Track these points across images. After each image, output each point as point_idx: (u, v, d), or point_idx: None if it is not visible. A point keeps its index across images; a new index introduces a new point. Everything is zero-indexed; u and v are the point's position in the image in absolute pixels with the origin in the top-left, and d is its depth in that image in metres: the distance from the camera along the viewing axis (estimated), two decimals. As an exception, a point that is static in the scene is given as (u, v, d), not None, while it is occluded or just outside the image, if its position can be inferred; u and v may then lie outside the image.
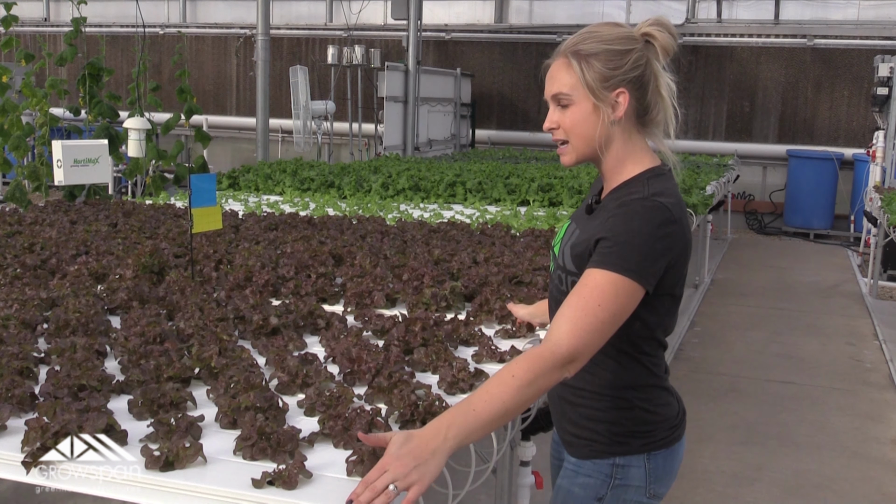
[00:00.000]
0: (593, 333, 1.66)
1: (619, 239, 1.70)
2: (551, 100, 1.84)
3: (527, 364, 1.62)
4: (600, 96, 1.78)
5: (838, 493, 4.17)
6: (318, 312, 2.60)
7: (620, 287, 1.68)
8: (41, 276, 3.05)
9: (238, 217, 4.63)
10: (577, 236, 1.85)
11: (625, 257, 1.68)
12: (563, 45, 1.83)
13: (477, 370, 2.10)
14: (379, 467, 1.47)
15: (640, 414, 1.85)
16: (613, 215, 1.75)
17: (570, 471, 1.93)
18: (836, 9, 12.71)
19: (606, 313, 1.66)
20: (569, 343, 1.63)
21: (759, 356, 6.36)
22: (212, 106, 15.43)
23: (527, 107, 14.17)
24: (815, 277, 9.47)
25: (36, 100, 6.74)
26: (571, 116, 1.80)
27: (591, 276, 1.69)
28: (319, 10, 15.35)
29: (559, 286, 1.87)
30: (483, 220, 4.72)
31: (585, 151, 1.83)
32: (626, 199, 1.76)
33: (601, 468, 1.88)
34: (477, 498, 3.54)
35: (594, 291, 1.67)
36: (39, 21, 17.06)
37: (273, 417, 1.76)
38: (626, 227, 1.71)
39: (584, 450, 1.90)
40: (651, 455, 1.87)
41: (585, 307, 1.66)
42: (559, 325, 1.67)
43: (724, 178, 9.20)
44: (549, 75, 1.84)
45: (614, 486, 1.87)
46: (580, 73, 1.77)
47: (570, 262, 1.82)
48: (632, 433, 1.86)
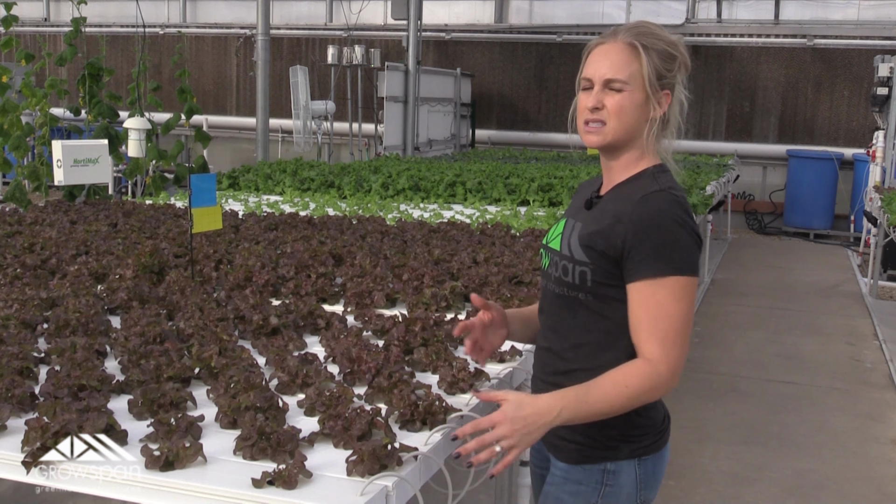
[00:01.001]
0: (679, 342, 1.71)
1: (655, 241, 1.71)
2: (600, 82, 1.78)
3: (642, 381, 1.69)
4: (655, 92, 1.78)
5: (838, 493, 4.17)
6: (318, 312, 2.61)
7: (679, 288, 1.70)
8: (41, 276, 3.05)
9: (238, 217, 4.63)
10: (585, 227, 1.82)
11: (668, 258, 1.70)
12: (622, 30, 1.80)
13: (477, 370, 2.10)
14: (490, 420, 1.63)
15: (631, 417, 1.82)
16: (635, 211, 1.74)
17: (559, 477, 1.88)
18: (836, 9, 12.71)
19: (681, 318, 1.71)
20: (666, 364, 1.70)
21: (759, 356, 6.35)
22: (212, 106, 15.42)
23: (527, 107, 14.16)
24: (815, 277, 9.47)
25: (36, 100, 6.74)
26: (621, 101, 1.77)
27: (646, 290, 1.71)
28: (319, 10, 15.35)
29: (562, 277, 1.83)
30: (483, 220, 4.72)
31: (620, 138, 1.81)
32: (643, 193, 1.76)
33: (592, 474, 1.84)
34: (477, 498, 3.53)
35: (659, 305, 1.70)
36: (39, 21, 17.06)
37: (273, 417, 1.77)
38: (656, 225, 1.72)
39: (574, 455, 1.85)
40: (641, 460, 1.85)
41: (659, 323, 1.70)
42: (649, 346, 1.71)
43: (724, 178, 9.20)
44: (602, 56, 1.79)
45: (605, 494, 1.84)
46: (646, 63, 1.76)
47: (581, 253, 1.79)
48: (623, 437, 1.83)
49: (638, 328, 1.73)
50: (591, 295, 1.79)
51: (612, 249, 1.75)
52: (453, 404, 1.87)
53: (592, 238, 1.79)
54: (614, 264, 1.76)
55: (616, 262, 1.75)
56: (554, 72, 13.86)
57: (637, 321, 1.73)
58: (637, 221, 1.72)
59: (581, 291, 1.80)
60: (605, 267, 1.76)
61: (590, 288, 1.79)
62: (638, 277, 1.72)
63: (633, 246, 1.72)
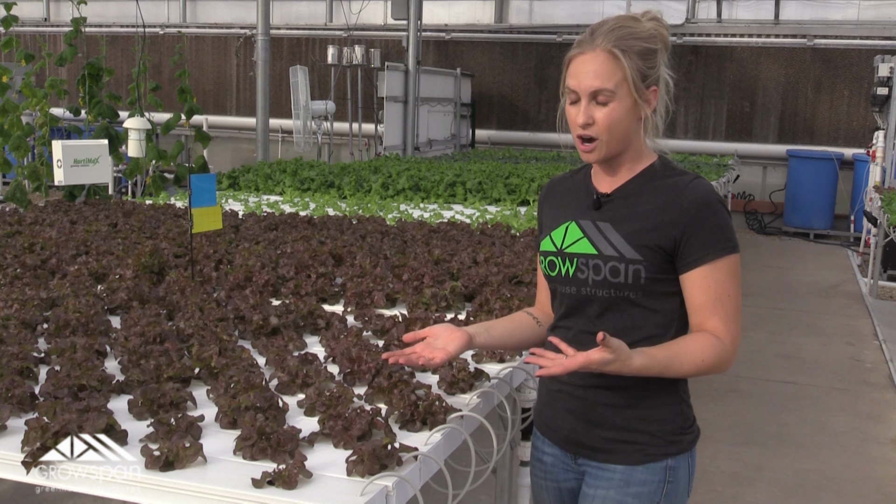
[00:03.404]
0: (738, 319, 1.79)
1: (710, 224, 1.76)
2: (587, 94, 1.75)
3: (715, 355, 1.75)
4: (642, 94, 1.77)
5: (838, 493, 4.17)
6: (318, 312, 2.61)
7: (733, 266, 1.77)
8: (41, 276, 3.04)
9: (238, 217, 4.63)
10: (625, 226, 1.79)
11: (725, 238, 1.76)
12: (597, 37, 1.75)
13: (477, 370, 2.10)
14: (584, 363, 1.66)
15: (685, 409, 1.83)
16: (686, 199, 1.76)
17: (619, 481, 1.82)
18: (836, 9, 12.71)
19: (738, 295, 1.78)
20: (731, 340, 1.77)
21: (759, 356, 6.35)
22: (212, 106, 15.42)
23: (527, 107, 14.16)
24: (815, 277, 9.47)
25: (36, 100, 6.73)
26: (611, 114, 1.75)
27: (708, 273, 1.75)
28: (319, 10, 15.35)
29: (610, 279, 1.78)
30: (483, 220, 4.72)
31: (616, 148, 1.80)
32: (686, 182, 1.80)
33: (655, 473, 1.81)
34: (477, 498, 3.53)
35: (720, 284, 1.75)
36: (39, 21, 17.06)
37: (273, 417, 1.76)
38: (709, 209, 1.76)
39: (636, 455, 1.80)
40: (692, 452, 1.87)
41: (722, 302, 1.76)
42: (713, 324, 1.76)
43: (724, 178, 9.20)
44: (584, 69, 1.75)
45: (668, 491, 1.81)
46: (628, 70, 1.73)
47: (633, 252, 1.76)
48: (681, 430, 1.83)
49: (701, 309, 1.77)
50: (641, 292, 1.78)
51: (666, 240, 1.76)
52: (453, 404, 1.87)
53: (641, 235, 1.77)
54: (667, 258, 1.77)
55: (669, 254, 1.77)
56: (554, 72, 13.85)
57: (699, 304, 1.77)
58: (691, 209, 1.76)
59: (633, 290, 1.78)
60: (658, 262, 1.77)
61: (642, 285, 1.78)
62: (701, 262, 1.75)
63: (693, 233, 1.75)
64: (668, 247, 1.76)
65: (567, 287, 1.86)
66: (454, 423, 1.80)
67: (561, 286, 1.88)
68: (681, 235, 1.75)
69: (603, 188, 1.88)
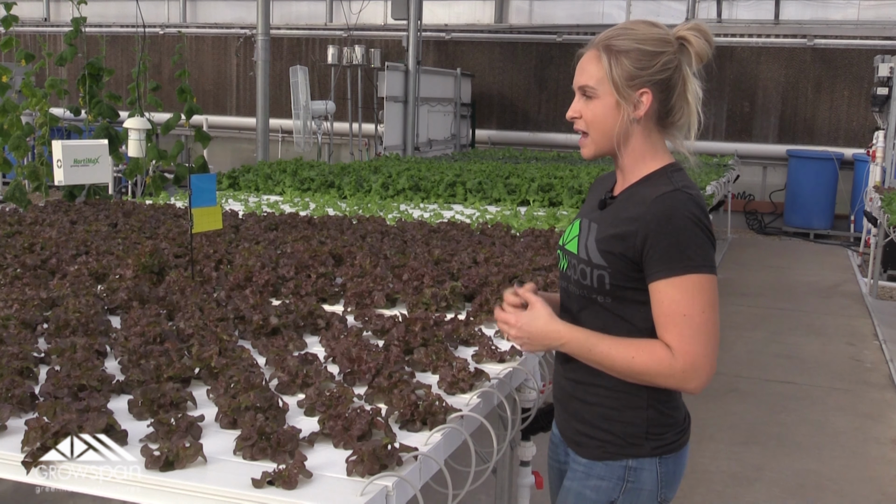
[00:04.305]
0: (698, 340, 1.72)
1: (669, 240, 1.72)
2: (578, 90, 1.85)
3: (651, 362, 1.74)
4: (624, 94, 1.78)
5: (838, 493, 4.17)
6: (318, 312, 2.60)
7: (692, 286, 1.71)
8: (41, 276, 3.04)
9: (238, 217, 4.63)
10: (601, 230, 1.82)
11: (681, 256, 1.71)
12: (598, 37, 1.84)
13: (477, 370, 2.09)
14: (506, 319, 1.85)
15: (653, 415, 1.84)
16: (650, 211, 1.74)
17: (581, 472, 1.89)
18: (836, 9, 12.71)
19: (697, 316, 1.71)
20: (683, 359, 1.72)
21: (759, 356, 6.35)
22: (212, 106, 15.43)
23: (527, 107, 14.16)
24: (815, 277, 9.47)
25: (36, 100, 6.74)
26: (593, 109, 1.81)
27: (663, 289, 1.72)
28: (319, 10, 15.35)
29: (581, 280, 1.84)
30: (483, 220, 4.72)
31: (604, 145, 1.84)
32: (658, 193, 1.76)
33: (613, 470, 1.85)
34: (477, 498, 3.54)
35: (675, 303, 1.71)
36: (39, 21, 17.06)
37: (273, 417, 1.76)
38: (671, 224, 1.72)
39: (597, 451, 1.86)
40: (662, 459, 1.86)
41: (675, 320, 1.72)
42: (668, 341, 1.73)
43: (724, 178, 9.20)
44: (579, 66, 1.85)
45: (627, 490, 1.85)
46: (608, 68, 1.78)
47: (599, 257, 1.80)
48: (645, 435, 1.84)
49: (658, 324, 1.76)
50: (609, 297, 1.80)
51: (630, 251, 1.76)
52: (453, 404, 1.87)
53: (609, 242, 1.79)
54: (633, 267, 1.76)
55: (635, 265, 1.76)
56: (554, 72, 13.86)
57: (656, 318, 1.76)
58: (652, 221, 1.73)
59: (600, 294, 1.81)
60: (624, 270, 1.77)
61: (608, 291, 1.79)
62: (655, 277, 1.73)
63: (651, 246, 1.73)
64: (632, 256, 1.76)
65: (562, 282, 1.95)
66: (454, 423, 1.80)
67: (560, 280, 1.97)
68: (641, 247, 1.74)
69: (616, 190, 1.90)
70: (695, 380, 1.73)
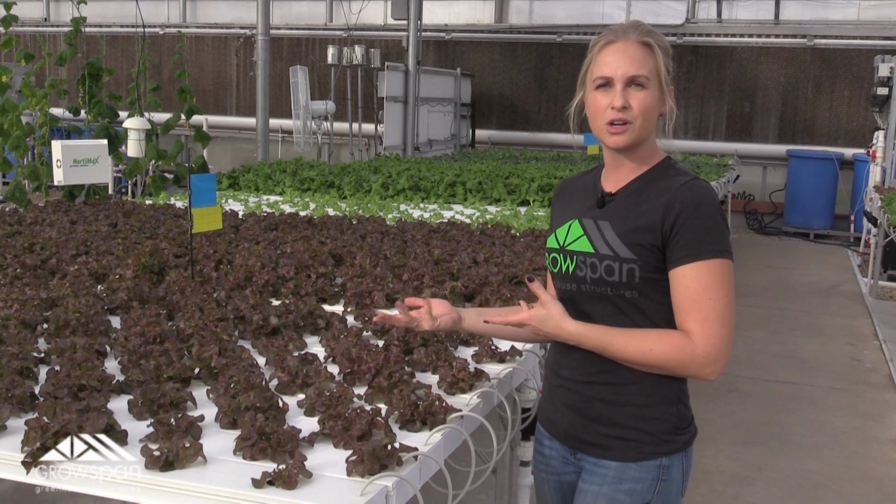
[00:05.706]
0: (720, 324, 1.74)
1: (699, 225, 1.75)
2: (624, 79, 1.80)
3: (671, 351, 1.75)
4: (666, 88, 1.84)
5: (838, 493, 4.17)
6: (318, 312, 2.60)
7: (719, 270, 1.74)
8: (41, 276, 3.04)
9: (238, 217, 4.63)
10: (618, 225, 1.82)
11: (711, 241, 1.75)
12: (629, 29, 1.83)
13: (477, 370, 2.09)
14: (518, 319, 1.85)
15: (681, 409, 1.84)
16: (677, 199, 1.77)
17: (612, 477, 1.84)
18: (836, 9, 12.71)
19: (721, 300, 1.74)
20: (704, 343, 1.74)
21: (759, 356, 6.35)
22: (212, 106, 15.42)
23: (527, 107, 14.16)
24: (815, 277, 9.46)
25: (36, 100, 6.74)
26: (645, 99, 1.81)
27: (690, 273, 1.75)
28: (319, 10, 15.35)
29: (606, 277, 1.81)
30: (483, 220, 4.72)
31: (642, 135, 1.84)
32: (682, 182, 1.80)
33: (648, 471, 1.82)
34: (477, 498, 3.53)
35: (702, 286, 1.74)
36: (39, 21, 17.06)
37: (273, 417, 1.76)
38: (700, 210, 1.76)
39: (630, 452, 1.82)
40: (687, 452, 1.87)
41: (701, 304, 1.74)
42: (689, 325, 1.75)
43: (724, 178, 9.20)
44: (620, 54, 1.80)
45: (660, 490, 1.83)
46: (662, 60, 1.82)
47: (627, 251, 1.79)
48: (676, 429, 1.84)
49: (680, 309, 1.76)
50: (636, 292, 1.80)
51: (658, 239, 1.78)
52: (453, 404, 1.87)
53: (635, 234, 1.80)
54: (661, 256, 1.78)
55: (662, 253, 1.78)
56: (554, 72, 13.86)
57: (679, 303, 1.76)
58: (682, 208, 1.76)
59: (629, 289, 1.80)
60: (653, 261, 1.78)
61: (637, 284, 1.79)
62: (682, 262, 1.75)
63: (679, 231, 1.75)
64: (661, 245, 1.78)
65: (567, 284, 1.90)
66: (454, 424, 1.80)
67: (562, 283, 1.92)
68: (670, 233, 1.77)
69: (609, 188, 1.90)
70: (712, 365, 1.74)
